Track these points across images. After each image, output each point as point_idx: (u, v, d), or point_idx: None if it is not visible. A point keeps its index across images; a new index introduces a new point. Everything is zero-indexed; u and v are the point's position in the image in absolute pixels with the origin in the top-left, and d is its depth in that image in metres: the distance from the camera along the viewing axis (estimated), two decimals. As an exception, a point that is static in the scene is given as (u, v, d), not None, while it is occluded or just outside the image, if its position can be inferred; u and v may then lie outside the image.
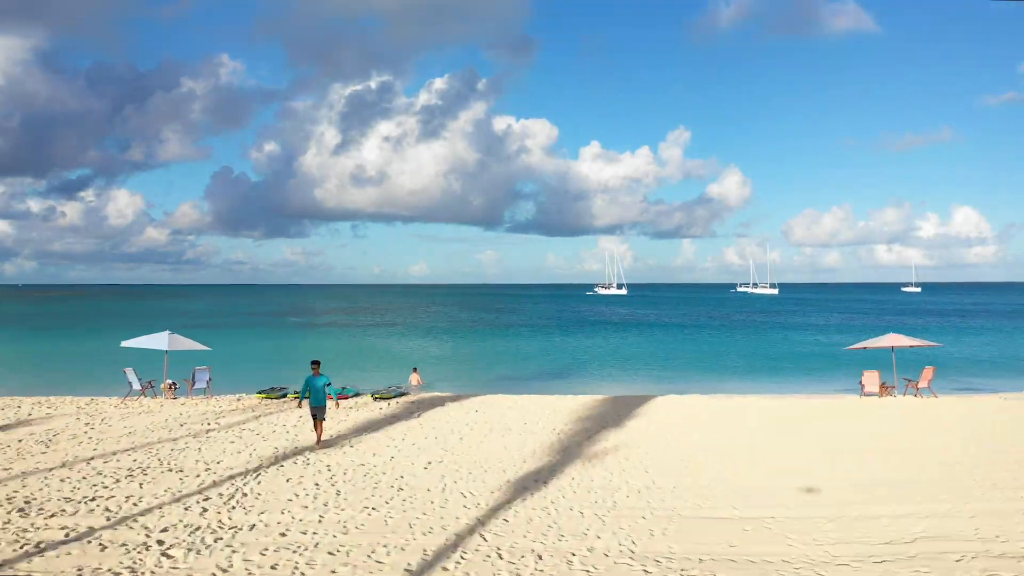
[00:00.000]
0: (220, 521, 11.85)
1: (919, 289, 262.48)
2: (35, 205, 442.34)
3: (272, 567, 9.88)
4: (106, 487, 13.89)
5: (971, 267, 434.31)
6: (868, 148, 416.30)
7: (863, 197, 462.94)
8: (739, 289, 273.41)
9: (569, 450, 17.73)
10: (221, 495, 13.39)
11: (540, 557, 10.39)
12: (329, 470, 15.51)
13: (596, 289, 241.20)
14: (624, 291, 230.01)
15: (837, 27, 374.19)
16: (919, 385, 28.30)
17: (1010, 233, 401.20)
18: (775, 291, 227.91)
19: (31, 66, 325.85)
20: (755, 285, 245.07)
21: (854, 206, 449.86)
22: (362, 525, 11.76)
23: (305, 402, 18.68)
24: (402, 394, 27.67)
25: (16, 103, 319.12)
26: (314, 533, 11.30)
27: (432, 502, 13.11)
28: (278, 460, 16.40)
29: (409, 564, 10.05)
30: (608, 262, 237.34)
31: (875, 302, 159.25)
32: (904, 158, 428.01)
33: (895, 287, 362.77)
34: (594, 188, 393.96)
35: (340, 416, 22.59)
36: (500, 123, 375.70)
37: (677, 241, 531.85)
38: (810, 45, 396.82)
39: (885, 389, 28.32)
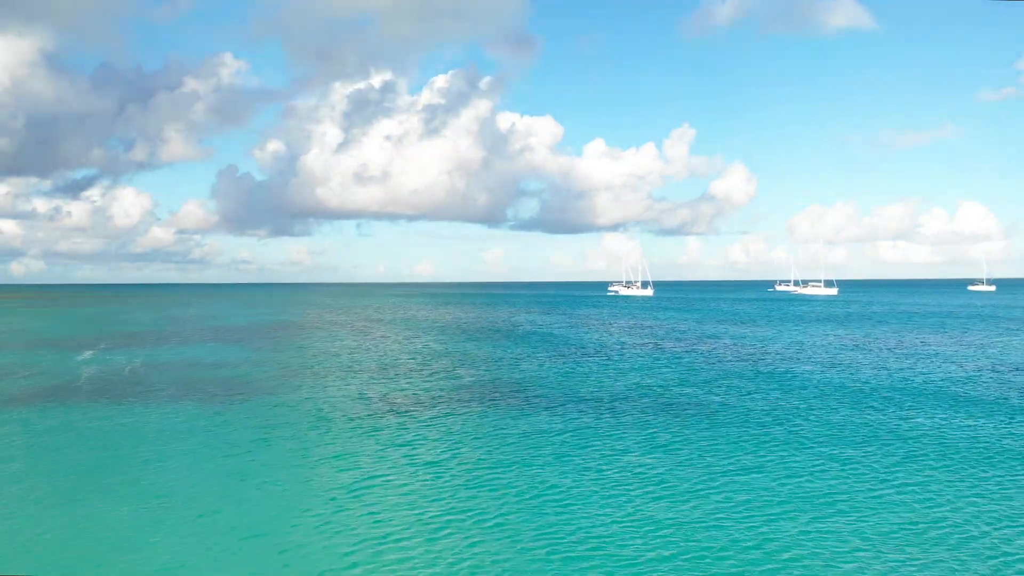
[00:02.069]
0: None
1: (993, 288, 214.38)
2: (41, 205, 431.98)
3: None
4: None
5: (978, 263, 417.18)
6: (871, 145, 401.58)
7: (868, 194, 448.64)
8: (779, 288, 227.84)
9: None
10: None
11: None
12: None
13: (616, 289, 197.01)
14: (650, 291, 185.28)
15: (834, 24, 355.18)
16: None
17: (1017, 228, 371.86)
18: (833, 291, 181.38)
19: (36, 67, 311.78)
20: (803, 283, 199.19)
21: (859, 203, 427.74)
22: None
23: None
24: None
25: (21, 104, 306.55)
26: None
27: None
28: None
29: None
30: (625, 259, 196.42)
31: (980, 307, 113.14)
32: (907, 154, 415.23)
33: (950, 284, 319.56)
34: (598, 185, 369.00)
35: None
36: (504, 120, 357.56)
37: (681, 238, 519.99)
38: (808, 42, 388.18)
39: None
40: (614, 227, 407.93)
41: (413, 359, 45.02)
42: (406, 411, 28.18)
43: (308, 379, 36.83)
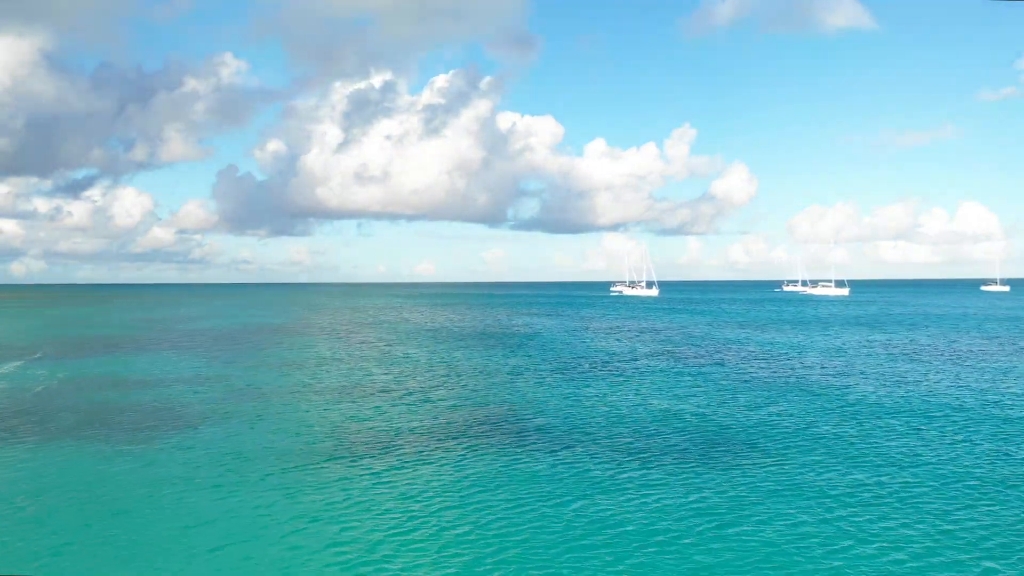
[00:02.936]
0: None
1: (1007, 288, 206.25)
2: (41, 205, 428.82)
3: None
4: None
5: (979, 263, 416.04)
6: (871, 145, 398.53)
7: (868, 194, 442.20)
8: (786, 288, 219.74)
9: None
10: None
11: None
12: None
13: (619, 289, 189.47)
14: (655, 291, 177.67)
15: (834, 24, 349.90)
16: None
17: (1018, 228, 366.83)
18: (845, 291, 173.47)
19: (36, 67, 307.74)
20: (812, 283, 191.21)
21: (859, 203, 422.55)
22: None
23: None
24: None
25: (21, 104, 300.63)
26: None
27: None
28: None
29: None
30: (627, 258, 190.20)
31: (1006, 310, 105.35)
32: (907, 154, 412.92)
33: (957, 284, 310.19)
34: (598, 185, 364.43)
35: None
36: (504, 120, 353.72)
37: (681, 238, 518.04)
38: (808, 42, 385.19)
39: None
40: (614, 227, 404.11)
41: (387, 374, 37.28)
42: (358, 454, 20.52)
43: (248, 403, 29.17)
